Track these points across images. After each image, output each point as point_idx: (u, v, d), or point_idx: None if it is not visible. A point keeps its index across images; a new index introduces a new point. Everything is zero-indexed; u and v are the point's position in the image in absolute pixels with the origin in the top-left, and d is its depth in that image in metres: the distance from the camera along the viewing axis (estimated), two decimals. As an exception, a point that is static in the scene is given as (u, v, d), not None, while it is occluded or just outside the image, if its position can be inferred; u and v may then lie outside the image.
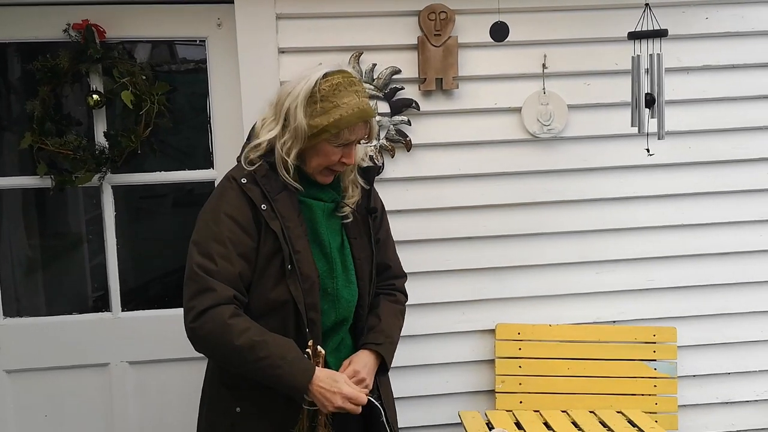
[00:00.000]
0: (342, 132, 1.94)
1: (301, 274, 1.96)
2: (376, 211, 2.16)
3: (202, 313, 1.89)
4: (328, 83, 1.95)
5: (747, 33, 2.97)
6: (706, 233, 3.07)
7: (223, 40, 2.84)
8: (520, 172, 2.95)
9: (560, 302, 3.04)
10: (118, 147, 2.77)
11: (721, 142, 3.03)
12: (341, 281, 2.06)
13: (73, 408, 2.95)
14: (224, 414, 2.06)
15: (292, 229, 1.97)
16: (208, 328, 1.89)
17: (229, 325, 1.88)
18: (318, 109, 1.94)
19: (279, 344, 1.91)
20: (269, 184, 1.98)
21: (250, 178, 1.99)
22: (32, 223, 3.09)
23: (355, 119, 1.94)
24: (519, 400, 2.96)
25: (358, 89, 1.98)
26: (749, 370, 3.15)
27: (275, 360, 1.88)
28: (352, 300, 2.08)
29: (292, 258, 1.96)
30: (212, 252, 1.92)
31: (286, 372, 1.88)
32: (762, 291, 3.12)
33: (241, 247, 1.94)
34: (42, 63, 2.69)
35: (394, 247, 2.28)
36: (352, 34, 2.80)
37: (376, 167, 2.18)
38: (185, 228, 3.16)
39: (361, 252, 2.10)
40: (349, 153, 1.99)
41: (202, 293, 1.91)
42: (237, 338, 1.87)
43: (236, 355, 1.90)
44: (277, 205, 1.97)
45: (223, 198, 2.00)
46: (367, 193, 2.14)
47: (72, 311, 2.96)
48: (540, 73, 2.89)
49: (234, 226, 1.95)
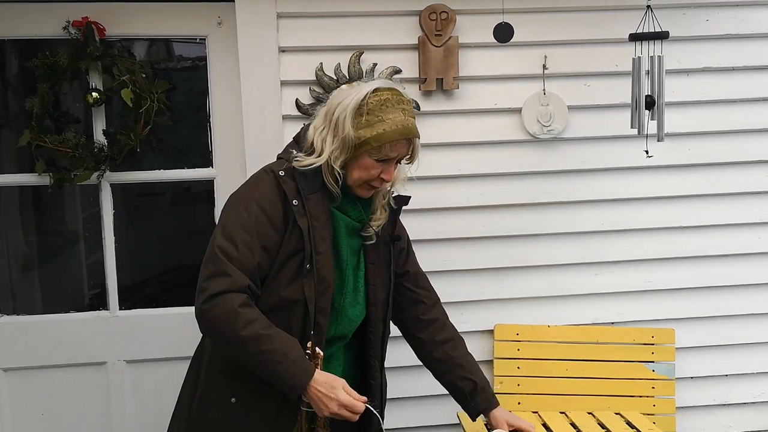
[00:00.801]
0: (383, 146, 1.96)
1: (318, 276, 1.96)
2: (399, 239, 2.17)
3: (214, 297, 1.88)
4: (376, 98, 1.96)
5: (747, 35, 2.98)
6: (704, 235, 3.07)
7: (223, 38, 2.83)
8: (519, 173, 2.96)
9: (559, 303, 3.04)
10: (117, 145, 2.76)
11: (720, 144, 3.03)
12: (349, 299, 2.07)
13: (70, 406, 2.94)
14: (218, 402, 2.05)
15: (318, 230, 1.97)
16: (217, 312, 1.88)
17: (237, 312, 1.87)
18: (363, 122, 1.95)
19: (283, 341, 1.91)
20: (305, 181, 1.98)
21: (288, 173, 1.99)
22: (29, 221, 3.09)
23: (398, 135, 1.96)
24: (517, 401, 2.96)
25: (406, 108, 2.00)
26: (747, 372, 3.16)
27: (277, 356, 1.88)
28: (355, 320, 2.09)
29: (313, 258, 1.95)
30: (236, 237, 1.92)
31: (286, 369, 1.88)
32: (760, 293, 3.13)
33: (265, 239, 1.94)
34: (41, 60, 2.68)
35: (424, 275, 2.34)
36: (353, 34, 2.79)
37: (407, 197, 2.18)
38: (183, 227, 3.18)
39: (377, 278, 2.11)
40: (388, 169, 2.00)
41: (218, 276, 1.89)
42: (243, 328, 1.86)
43: (239, 344, 1.89)
44: (308, 203, 1.97)
45: (257, 187, 2.00)
46: (393, 220, 2.15)
47: (68, 309, 2.95)
48: (540, 74, 2.89)
49: (263, 217, 1.94)
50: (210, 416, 2.06)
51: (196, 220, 3.12)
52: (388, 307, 2.14)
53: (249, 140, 2.76)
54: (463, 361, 2.27)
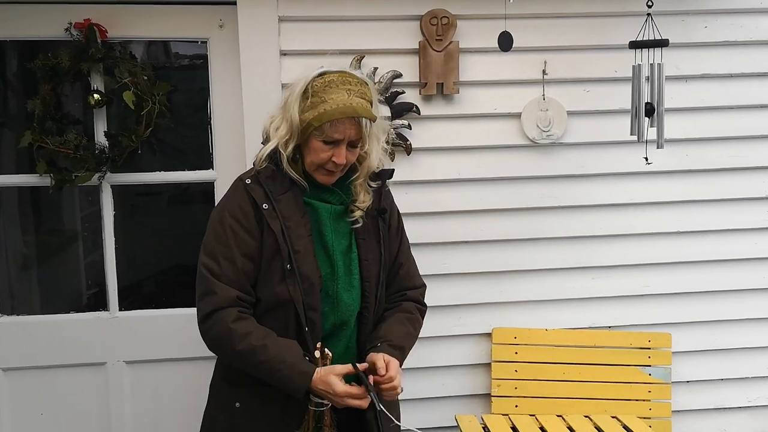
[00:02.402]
0: (324, 126, 1.95)
1: (300, 275, 1.98)
2: (386, 212, 2.15)
3: (207, 317, 1.96)
4: (321, 80, 1.98)
5: (745, 42, 3.00)
6: (701, 240, 3.09)
7: (224, 41, 2.84)
8: (518, 178, 2.97)
9: (556, 307, 3.06)
10: (118, 146, 2.77)
11: (718, 150, 3.05)
12: (342, 284, 2.06)
13: (70, 407, 2.95)
14: (224, 409, 2.08)
15: (293, 229, 1.99)
16: (213, 332, 1.97)
17: (231, 330, 1.93)
18: (308, 105, 1.97)
19: (279, 347, 1.93)
20: (273, 184, 2.01)
21: (254, 179, 2.03)
22: (29, 221, 3.09)
23: (338, 114, 1.94)
24: (515, 404, 2.98)
25: (352, 88, 1.98)
26: (743, 376, 3.18)
27: (275, 364, 1.92)
28: (352, 304, 2.08)
29: (291, 258, 1.97)
30: (216, 252, 1.98)
31: (285, 375, 1.91)
32: (756, 298, 3.15)
33: (244, 247, 1.98)
34: (43, 62, 2.69)
35: (409, 254, 2.26)
36: (354, 38, 2.80)
37: (388, 171, 2.17)
38: (183, 228, 3.19)
39: (369, 253, 2.10)
40: (339, 152, 1.98)
41: (207, 296, 1.97)
42: (238, 343, 1.93)
43: (239, 359, 1.96)
44: (279, 205, 1.99)
45: (229, 199, 2.05)
46: (378, 195, 2.14)
47: (68, 310, 2.96)
48: (540, 80, 2.90)
49: (237, 226, 1.98)
50: (218, 422, 2.10)
51: (196, 220, 3.12)
52: (380, 283, 2.12)
53: (250, 143, 2.76)
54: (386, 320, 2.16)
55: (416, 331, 2.20)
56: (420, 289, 2.26)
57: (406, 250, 2.25)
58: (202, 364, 2.64)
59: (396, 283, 2.20)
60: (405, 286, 2.22)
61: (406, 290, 2.22)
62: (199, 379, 2.39)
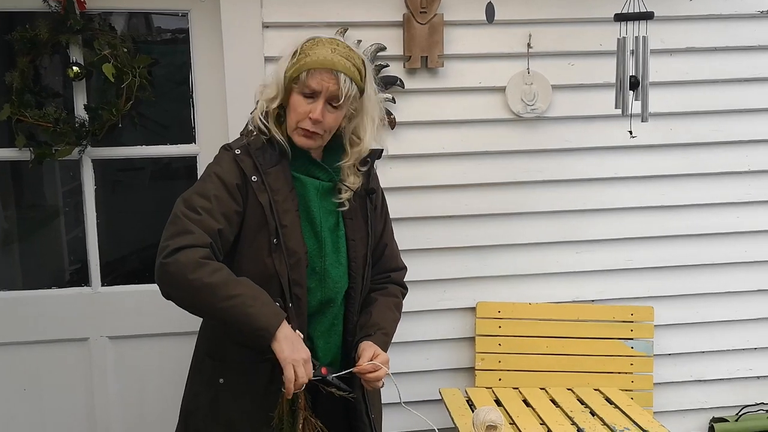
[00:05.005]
0: (302, 76, 1.94)
1: (287, 249, 1.96)
2: (374, 192, 2.14)
3: (177, 251, 1.84)
4: (310, 42, 1.98)
5: (730, 15, 2.99)
6: (685, 214, 3.10)
7: (206, 12, 2.80)
8: (503, 152, 2.96)
9: (540, 281, 3.07)
10: (98, 120, 2.73)
11: (702, 124, 3.06)
12: (330, 260, 2.05)
13: (53, 382, 2.94)
14: (208, 385, 2.06)
15: (281, 203, 1.97)
16: (180, 263, 1.83)
17: (201, 263, 1.84)
18: (294, 62, 1.97)
19: (252, 286, 1.89)
20: (263, 156, 1.98)
21: (244, 150, 2.00)
22: (9, 196, 3.05)
23: (316, 65, 1.93)
24: (498, 378, 3.00)
25: (337, 48, 1.97)
26: (723, 349, 3.22)
27: (247, 299, 1.84)
28: (340, 280, 2.08)
29: (279, 232, 1.96)
30: (196, 204, 1.92)
31: (257, 311, 1.84)
32: (737, 272, 3.18)
33: (224, 207, 1.93)
34: (21, 33, 2.64)
35: (392, 235, 2.27)
36: (338, 10, 2.77)
37: (378, 150, 2.15)
38: (166, 203, 3.16)
39: (356, 233, 2.09)
40: (316, 108, 1.95)
41: (180, 234, 1.87)
42: (210, 275, 1.83)
43: (207, 292, 1.83)
44: (268, 178, 1.97)
45: (217, 162, 2.02)
46: (367, 175, 2.13)
47: (50, 285, 2.94)
48: (525, 53, 2.89)
49: (221, 186, 1.95)
50: (201, 399, 2.08)
51: (179, 195, 3.10)
52: (366, 263, 2.12)
53: (232, 117, 2.73)
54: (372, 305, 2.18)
55: (400, 315, 2.24)
56: (402, 271, 2.29)
57: (389, 232, 2.26)
58: (186, 339, 2.61)
59: (381, 264, 2.21)
60: (389, 267, 2.24)
61: (390, 272, 2.24)
62: (183, 354, 2.37)
